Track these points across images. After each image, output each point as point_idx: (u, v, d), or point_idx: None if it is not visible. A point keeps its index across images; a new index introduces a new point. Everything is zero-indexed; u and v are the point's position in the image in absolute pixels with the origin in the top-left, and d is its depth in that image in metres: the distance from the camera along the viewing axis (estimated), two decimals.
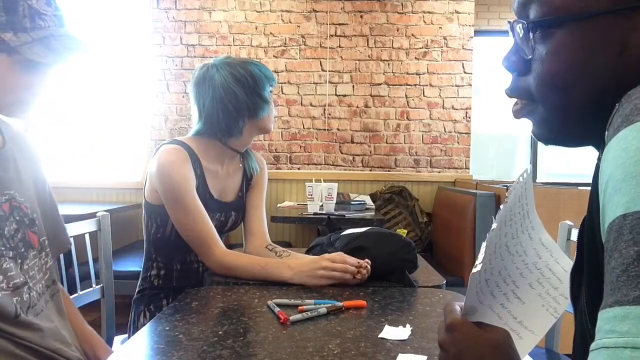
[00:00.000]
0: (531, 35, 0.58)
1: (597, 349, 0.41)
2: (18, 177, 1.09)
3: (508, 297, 0.63)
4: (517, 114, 0.63)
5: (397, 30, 3.98)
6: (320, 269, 1.33)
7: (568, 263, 0.65)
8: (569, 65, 0.56)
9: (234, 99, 1.52)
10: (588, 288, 0.54)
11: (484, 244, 0.59)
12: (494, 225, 0.58)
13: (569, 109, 0.57)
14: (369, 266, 1.37)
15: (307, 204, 3.11)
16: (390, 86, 3.98)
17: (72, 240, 1.32)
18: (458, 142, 4.00)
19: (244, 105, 1.53)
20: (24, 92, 1.00)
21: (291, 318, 1.06)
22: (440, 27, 3.98)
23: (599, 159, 0.53)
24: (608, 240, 0.44)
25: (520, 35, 0.60)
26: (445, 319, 0.63)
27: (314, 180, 3.12)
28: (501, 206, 0.59)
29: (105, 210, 1.79)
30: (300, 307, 1.13)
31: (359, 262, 1.36)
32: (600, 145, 0.56)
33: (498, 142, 4.75)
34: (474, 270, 0.59)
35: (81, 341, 1.18)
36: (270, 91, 1.60)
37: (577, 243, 0.60)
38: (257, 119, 1.57)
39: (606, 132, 0.50)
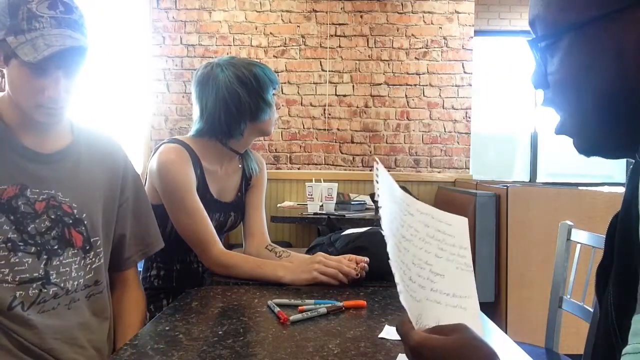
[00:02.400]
0: (541, 51, 0.61)
1: (634, 352, 0.41)
2: (73, 177, 1.14)
3: (431, 279, 0.65)
4: (555, 130, 0.65)
5: (397, 30, 3.98)
6: (315, 263, 1.33)
7: (449, 217, 0.67)
8: (575, 72, 0.58)
9: (237, 101, 1.51)
10: (617, 287, 0.54)
11: (394, 265, 0.62)
12: (385, 234, 0.62)
13: (586, 114, 0.59)
14: (365, 265, 1.37)
15: (307, 204, 3.11)
16: (390, 86, 3.98)
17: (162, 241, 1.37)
18: (458, 142, 4.00)
19: (246, 107, 1.52)
20: (39, 95, 1.04)
21: (291, 318, 1.06)
22: (440, 27, 3.98)
23: (635, 159, 0.53)
24: None
25: (534, 52, 0.62)
26: (405, 344, 0.61)
27: (314, 180, 3.12)
28: (380, 214, 0.62)
29: None
30: (300, 307, 1.13)
31: (354, 267, 1.35)
32: (635, 152, 0.57)
33: (498, 142, 4.75)
34: (400, 294, 0.61)
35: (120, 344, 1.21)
36: (274, 94, 1.59)
37: (606, 241, 0.61)
38: (259, 121, 1.56)
39: None
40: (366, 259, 1.38)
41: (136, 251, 1.30)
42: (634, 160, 0.58)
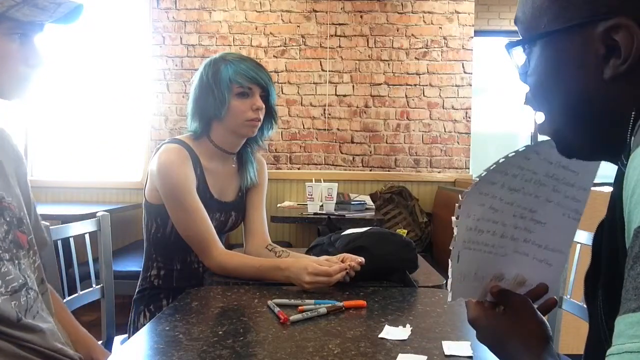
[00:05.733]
0: (520, 51, 0.65)
1: (618, 353, 0.41)
2: (4, 177, 1.07)
3: (529, 228, 0.66)
4: (539, 130, 0.68)
5: (397, 30, 3.98)
6: (304, 284, 1.31)
7: None
8: (545, 77, 0.61)
9: (198, 99, 1.53)
10: (605, 290, 0.54)
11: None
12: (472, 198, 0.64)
13: (556, 117, 0.62)
14: (355, 263, 1.36)
15: (307, 204, 3.11)
16: (390, 86, 3.98)
17: (49, 239, 1.31)
18: (458, 142, 4.00)
19: (201, 103, 1.53)
20: (21, 66, 0.98)
21: (291, 318, 1.06)
22: (440, 27, 3.98)
23: (621, 163, 0.54)
24: (633, 246, 0.44)
25: (508, 53, 0.66)
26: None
27: (314, 180, 3.12)
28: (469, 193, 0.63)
29: (105, 210, 1.79)
30: (300, 307, 1.13)
31: (343, 267, 1.34)
32: (614, 157, 0.59)
33: (498, 142, 4.75)
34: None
35: (75, 343, 1.18)
36: (241, 92, 1.50)
37: (593, 246, 0.61)
38: (219, 118, 1.52)
39: (632, 139, 0.52)
40: (360, 259, 1.38)
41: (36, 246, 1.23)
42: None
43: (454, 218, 0.63)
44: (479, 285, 0.69)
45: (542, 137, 0.67)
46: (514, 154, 0.63)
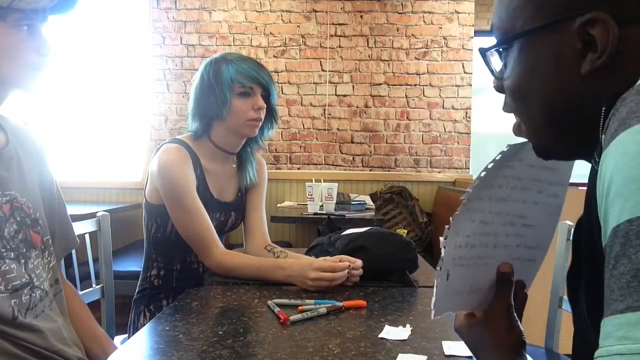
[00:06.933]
0: (496, 57, 0.65)
1: (608, 355, 0.41)
2: (21, 176, 1.08)
3: (520, 233, 0.67)
4: (513, 131, 0.69)
5: (397, 30, 3.98)
6: (308, 280, 1.31)
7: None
8: (522, 79, 0.61)
9: (200, 99, 1.53)
10: (587, 290, 0.54)
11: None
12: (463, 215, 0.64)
13: (534, 119, 0.62)
14: (359, 269, 1.36)
15: (307, 204, 3.11)
16: (390, 86, 3.98)
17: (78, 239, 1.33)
18: (458, 142, 4.00)
19: (202, 103, 1.53)
20: (33, 55, 1.00)
21: (291, 318, 1.06)
22: (440, 27, 3.98)
23: (594, 162, 0.54)
24: (612, 245, 0.44)
25: (484, 60, 0.67)
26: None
27: (314, 180, 3.12)
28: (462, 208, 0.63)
29: (105, 210, 1.79)
30: (300, 307, 1.13)
31: (349, 265, 1.34)
32: (588, 156, 0.60)
33: (498, 142, 4.75)
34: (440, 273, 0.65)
35: (91, 343, 1.18)
36: (243, 92, 1.50)
37: (573, 244, 0.61)
38: (220, 118, 1.52)
39: (602, 136, 0.52)
40: (359, 262, 1.38)
41: (61, 248, 1.25)
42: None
43: (442, 239, 0.63)
44: (477, 296, 0.70)
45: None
46: (492, 164, 0.64)
